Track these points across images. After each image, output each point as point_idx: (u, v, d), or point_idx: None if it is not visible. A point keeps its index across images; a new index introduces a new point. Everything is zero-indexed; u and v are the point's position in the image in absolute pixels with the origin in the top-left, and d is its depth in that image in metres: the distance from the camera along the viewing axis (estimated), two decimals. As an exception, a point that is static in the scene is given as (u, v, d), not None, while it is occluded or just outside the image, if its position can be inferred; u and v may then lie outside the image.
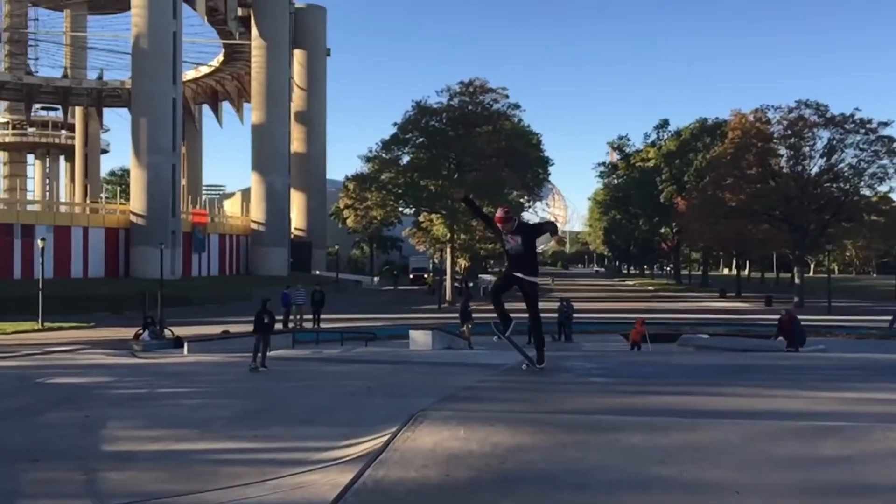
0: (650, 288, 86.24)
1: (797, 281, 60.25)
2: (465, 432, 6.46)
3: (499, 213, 9.26)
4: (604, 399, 7.92)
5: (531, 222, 9.71)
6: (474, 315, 29.05)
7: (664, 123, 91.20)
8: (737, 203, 57.59)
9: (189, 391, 16.16)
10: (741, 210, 57.89)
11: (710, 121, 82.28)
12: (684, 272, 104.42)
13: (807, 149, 56.88)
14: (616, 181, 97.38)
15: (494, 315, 10.04)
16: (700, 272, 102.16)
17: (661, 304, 56.41)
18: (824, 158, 57.31)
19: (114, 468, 9.58)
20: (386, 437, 9.90)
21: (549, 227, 9.67)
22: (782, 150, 58.71)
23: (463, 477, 5.72)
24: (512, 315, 9.85)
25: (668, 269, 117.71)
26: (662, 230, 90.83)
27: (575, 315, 32.69)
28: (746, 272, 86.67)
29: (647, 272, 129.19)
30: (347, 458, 9.20)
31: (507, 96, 58.09)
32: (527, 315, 9.75)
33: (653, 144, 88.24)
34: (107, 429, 11.81)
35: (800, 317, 40.78)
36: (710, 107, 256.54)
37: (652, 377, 10.00)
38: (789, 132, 56.45)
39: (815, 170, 58.02)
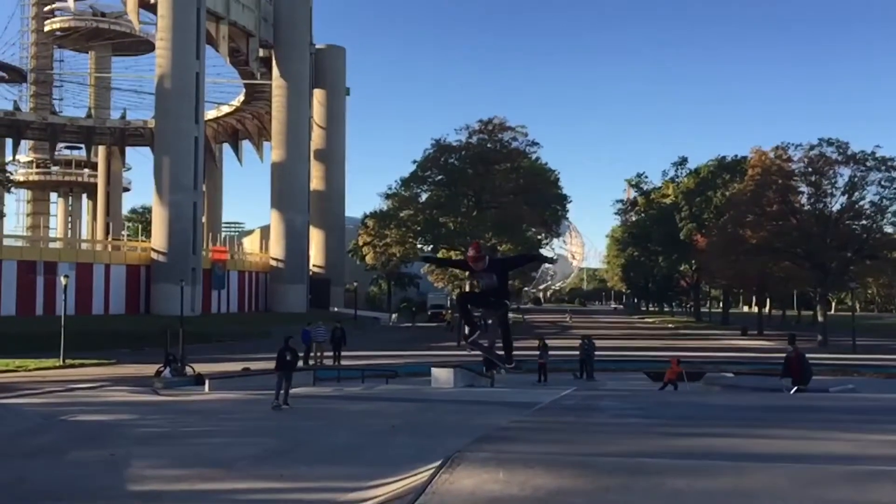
0: (670, 325, 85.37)
1: (820, 319, 59.45)
2: (505, 475, 6.31)
3: (471, 252, 9.03)
4: (643, 440, 7.75)
5: (501, 257, 9.58)
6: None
7: (682, 161, 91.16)
8: (757, 240, 57.14)
9: (213, 429, 16.07)
10: (762, 247, 57.40)
11: (728, 158, 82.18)
12: (704, 309, 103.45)
13: (828, 186, 56.53)
14: (634, 218, 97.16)
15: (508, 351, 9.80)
16: (720, 309, 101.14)
17: (682, 342, 55.72)
18: (846, 196, 56.91)
19: (141, 508, 9.49)
20: (416, 478, 9.75)
21: (522, 261, 9.65)
22: (803, 188, 58.38)
23: (505, 522, 5.57)
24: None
25: (688, 306, 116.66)
26: (682, 267, 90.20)
27: (596, 353, 32.28)
28: (767, 310, 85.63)
29: (666, 309, 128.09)
30: (377, 499, 9.06)
31: (525, 134, 58.51)
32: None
33: (672, 181, 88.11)
34: (132, 468, 11.73)
35: (825, 356, 40.25)
36: (727, 144, 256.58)
37: (689, 418, 9.79)
38: (810, 169, 56.20)
39: (836, 207, 57.60)
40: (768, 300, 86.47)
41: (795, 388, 19.50)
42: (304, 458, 12.24)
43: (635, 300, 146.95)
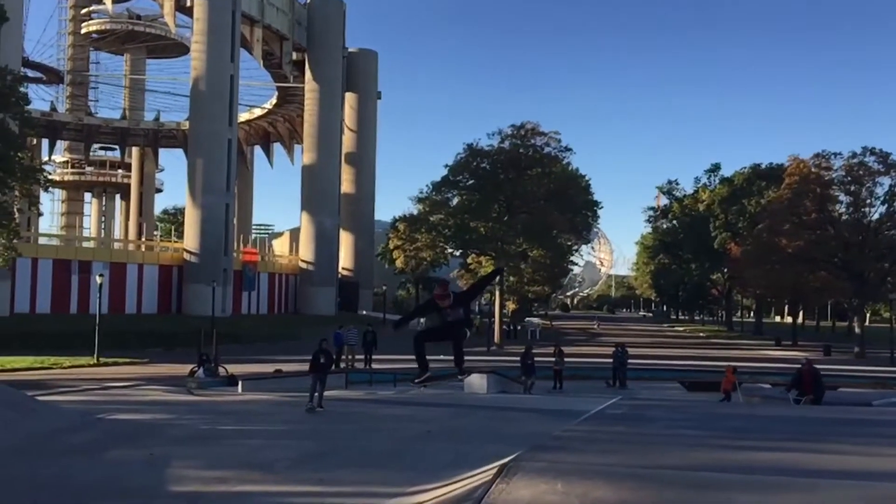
0: (701, 334, 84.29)
1: (857, 330, 58.35)
2: (563, 486, 6.09)
3: (438, 291, 9.19)
4: (701, 454, 7.49)
5: (461, 291, 9.62)
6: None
7: (715, 168, 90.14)
8: (793, 249, 56.23)
9: (249, 430, 16.00)
10: (798, 256, 56.49)
11: (762, 166, 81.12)
12: (736, 319, 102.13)
13: (867, 196, 55.58)
14: (665, 225, 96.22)
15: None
16: (752, 319, 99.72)
17: (715, 351, 54.92)
18: (885, 205, 55.91)
19: (182, 510, 9.41)
20: (459, 486, 9.55)
21: (480, 287, 9.74)
22: (841, 197, 57.43)
23: (569, 535, 5.35)
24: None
25: (719, 315, 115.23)
26: (714, 276, 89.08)
27: (629, 361, 31.84)
28: (801, 320, 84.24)
29: (697, 318, 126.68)
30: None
31: (558, 140, 58.11)
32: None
33: (705, 187, 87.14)
34: (172, 467, 11.67)
35: (862, 368, 39.44)
36: (759, 153, 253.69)
37: (745, 430, 9.50)
38: (849, 178, 55.28)
39: (875, 216, 56.58)
40: (801, 310, 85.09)
41: (804, 399, 18.77)
42: (342, 461, 12.10)
43: (665, 308, 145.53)
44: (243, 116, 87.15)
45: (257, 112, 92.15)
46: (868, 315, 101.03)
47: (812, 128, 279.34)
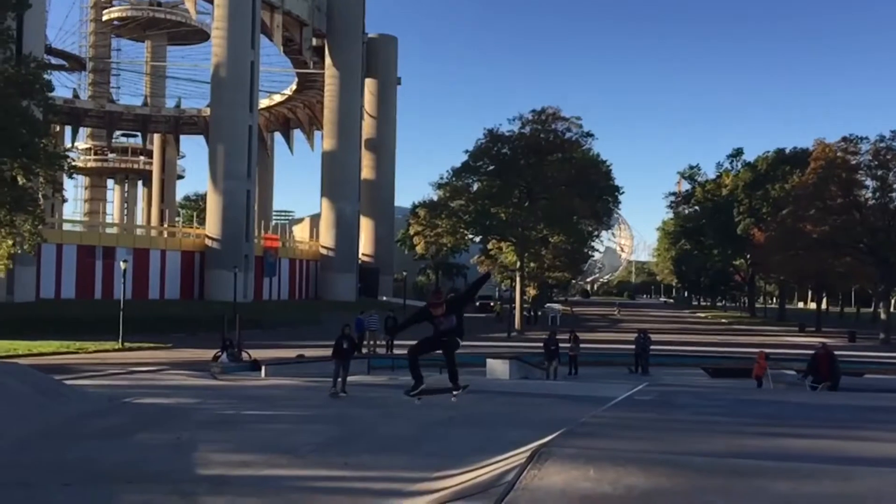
0: (723, 320, 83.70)
1: (882, 316, 57.71)
2: (595, 472, 6.02)
3: (432, 299, 9.24)
4: (734, 440, 7.40)
5: (452, 296, 9.55)
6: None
7: (738, 152, 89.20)
8: (818, 235, 55.61)
9: (274, 415, 16.10)
10: (823, 242, 55.86)
11: (787, 150, 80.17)
12: (758, 305, 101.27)
13: (894, 180, 54.74)
14: (687, 211, 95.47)
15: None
16: (775, 305, 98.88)
17: (738, 337, 54.53)
18: (913, 190, 55.14)
19: (210, 492, 9.45)
20: (484, 471, 9.52)
21: (471, 293, 9.67)
22: (868, 182, 56.67)
23: (602, 522, 5.30)
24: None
25: (741, 301, 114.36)
26: (736, 262, 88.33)
27: (651, 347, 31.63)
28: (825, 306, 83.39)
29: (718, 304, 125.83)
30: (448, 490, 8.87)
31: (580, 125, 57.66)
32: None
33: (728, 171, 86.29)
34: (198, 451, 11.75)
35: (887, 354, 38.95)
36: (782, 138, 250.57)
37: (777, 417, 9.38)
38: (876, 163, 54.48)
39: (902, 201, 55.80)
40: (825, 296, 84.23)
41: (821, 385, 18.41)
42: (366, 446, 12.13)
43: (686, 294, 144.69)
44: (263, 103, 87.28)
45: (277, 98, 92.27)
46: (893, 301, 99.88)
47: (838, 113, 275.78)
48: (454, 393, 9.15)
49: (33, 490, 9.40)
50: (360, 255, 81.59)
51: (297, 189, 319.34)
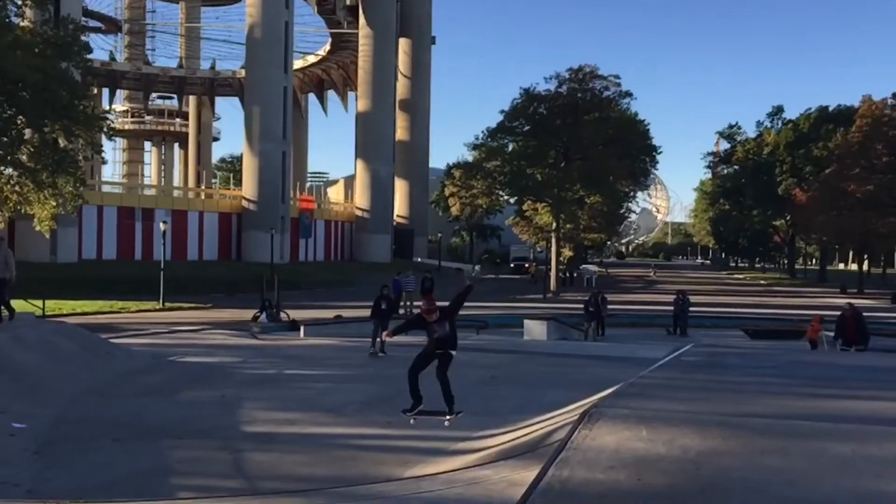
0: (762, 282, 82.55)
1: (927, 278, 56.58)
2: (648, 433, 5.93)
3: (425, 305, 9.20)
4: (788, 401, 7.25)
5: (448, 304, 9.42)
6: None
7: (778, 110, 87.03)
8: (863, 194, 54.33)
9: (315, 374, 16.26)
10: (867, 202, 54.57)
11: (830, 108, 78.02)
12: (798, 266, 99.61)
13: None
14: (725, 171, 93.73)
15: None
16: (815, 266, 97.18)
17: (778, 299, 53.77)
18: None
19: (256, 449, 9.58)
20: (526, 431, 9.49)
21: (460, 300, 9.50)
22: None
23: (658, 483, 5.21)
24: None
25: (781, 262, 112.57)
26: (777, 222, 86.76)
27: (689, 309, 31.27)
28: (866, 267, 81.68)
29: (756, 266, 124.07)
30: (493, 448, 8.87)
31: (618, 84, 56.54)
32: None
33: (769, 129, 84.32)
34: (243, 409, 11.91)
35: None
36: (821, 96, 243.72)
37: (830, 379, 9.20)
38: (924, 120, 52.97)
39: (951, 159, 54.21)
40: (868, 257, 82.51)
41: (851, 349, 17.75)
42: (408, 405, 12.17)
43: (723, 256, 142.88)
44: (297, 64, 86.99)
45: (311, 59, 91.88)
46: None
47: (884, 70, 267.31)
48: (447, 417, 9.07)
49: (87, 445, 9.60)
50: (394, 217, 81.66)
51: (332, 151, 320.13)
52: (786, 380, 9.25)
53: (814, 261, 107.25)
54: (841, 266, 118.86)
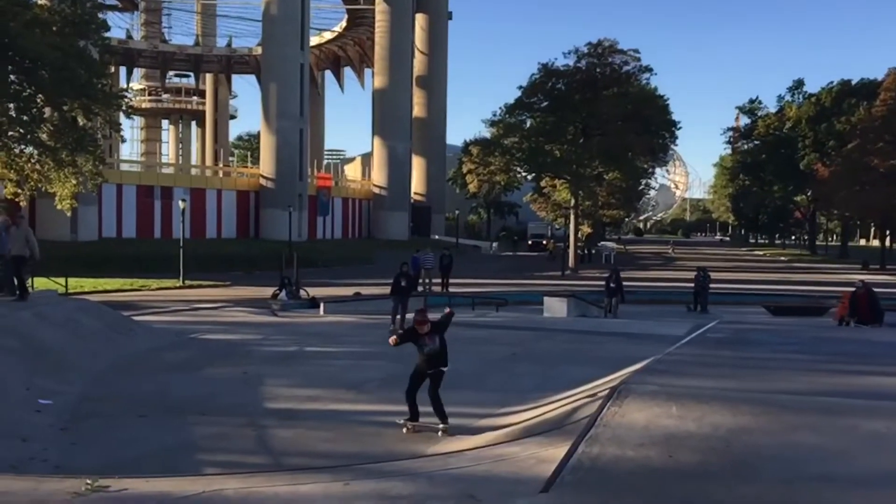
0: (783, 258, 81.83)
1: (951, 254, 55.84)
2: (678, 410, 5.87)
3: (418, 318, 9.33)
4: (817, 378, 7.16)
5: (438, 320, 9.57)
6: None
7: (798, 84, 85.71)
8: (886, 169, 53.51)
9: (335, 351, 16.29)
10: (890, 176, 53.75)
11: (853, 82, 76.73)
12: (819, 242, 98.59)
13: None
14: (745, 146, 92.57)
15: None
16: (837, 242, 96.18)
17: (799, 275, 53.25)
18: None
19: (280, 425, 9.63)
20: (549, 408, 9.44)
21: (443, 322, 9.53)
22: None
23: (688, 460, 5.15)
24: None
25: (801, 238, 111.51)
26: (798, 198, 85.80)
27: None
28: (889, 243, 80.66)
29: (777, 242, 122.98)
30: (514, 426, 8.85)
31: (638, 59, 55.77)
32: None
33: (790, 103, 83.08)
34: (266, 386, 11.96)
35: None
36: (846, 69, 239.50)
37: (858, 355, 9.07)
38: (951, 92, 51.98)
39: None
40: (890, 233, 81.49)
41: (868, 325, 17.46)
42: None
43: (742, 232, 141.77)
44: (313, 41, 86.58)
45: (327, 36, 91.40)
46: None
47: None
48: (441, 426, 9.07)
49: (112, 421, 9.68)
50: (412, 194, 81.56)
51: (349, 128, 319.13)
52: (812, 356, 9.14)
53: (835, 237, 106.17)
54: (862, 242, 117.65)
